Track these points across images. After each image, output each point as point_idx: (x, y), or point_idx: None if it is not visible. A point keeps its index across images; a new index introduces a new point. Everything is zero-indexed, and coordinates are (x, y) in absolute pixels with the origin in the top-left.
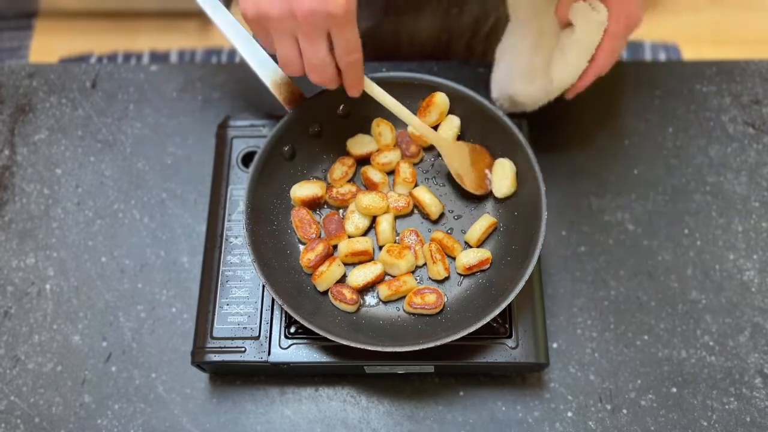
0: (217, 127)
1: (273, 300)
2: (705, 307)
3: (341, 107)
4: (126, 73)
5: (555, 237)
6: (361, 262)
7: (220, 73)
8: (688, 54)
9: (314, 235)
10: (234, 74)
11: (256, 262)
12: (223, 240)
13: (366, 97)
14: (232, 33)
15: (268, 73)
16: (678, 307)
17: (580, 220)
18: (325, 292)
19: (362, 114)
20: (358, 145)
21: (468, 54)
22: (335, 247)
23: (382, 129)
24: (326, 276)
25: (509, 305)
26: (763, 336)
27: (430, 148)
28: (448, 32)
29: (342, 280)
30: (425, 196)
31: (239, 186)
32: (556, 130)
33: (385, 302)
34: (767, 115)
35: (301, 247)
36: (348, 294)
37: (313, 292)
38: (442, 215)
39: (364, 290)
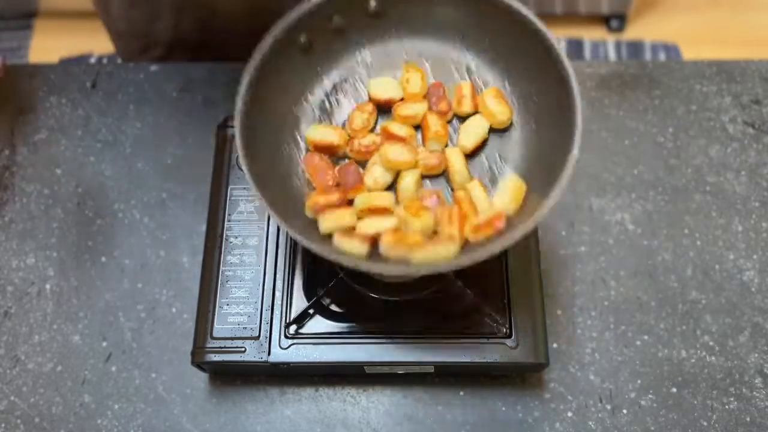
0: (217, 127)
1: (273, 300)
2: (705, 307)
3: (373, 4)
4: (126, 73)
5: (555, 237)
6: None
7: (220, 73)
8: (688, 54)
9: (331, 183)
10: (234, 74)
11: (246, 157)
12: (223, 240)
13: None
14: None
15: None
16: (678, 307)
17: (580, 220)
18: (326, 239)
19: (397, 14)
20: (382, 88)
21: None
22: (351, 202)
23: (411, 76)
24: (336, 216)
25: (509, 305)
26: (763, 336)
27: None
28: None
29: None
30: (457, 163)
31: (239, 186)
32: None
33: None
34: (767, 115)
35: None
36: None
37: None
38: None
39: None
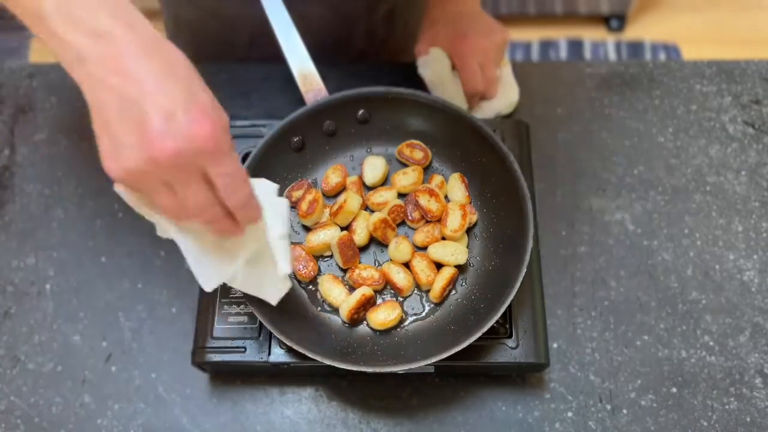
0: None
1: None
2: (705, 307)
3: (361, 112)
4: None
5: (555, 237)
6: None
7: (220, 73)
8: (688, 54)
9: (313, 274)
10: (234, 74)
11: None
12: None
13: (386, 107)
14: (273, 12)
15: (298, 62)
16: (678, 307)
17: (580, 220)
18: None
19: (382, 122)
20: (370, 169)
21: (370, 39)
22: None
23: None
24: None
25: (509, 305)
26: (763, 336)
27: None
28: (342, 17)
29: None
30: (397, 276)
31: None
32: (556, 130)
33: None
34: (767, 115)
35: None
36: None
37: (302, 309)
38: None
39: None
